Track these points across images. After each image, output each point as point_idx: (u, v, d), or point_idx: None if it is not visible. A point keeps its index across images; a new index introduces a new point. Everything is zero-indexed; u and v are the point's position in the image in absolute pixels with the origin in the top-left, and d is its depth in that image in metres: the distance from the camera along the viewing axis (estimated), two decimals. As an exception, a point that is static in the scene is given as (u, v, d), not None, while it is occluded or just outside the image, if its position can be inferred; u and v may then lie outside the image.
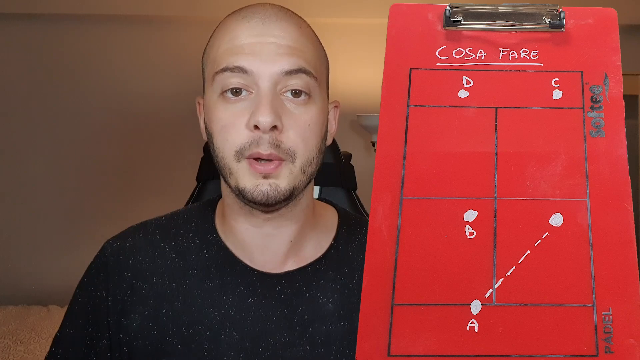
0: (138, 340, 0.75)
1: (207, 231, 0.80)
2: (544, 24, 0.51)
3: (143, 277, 0.77)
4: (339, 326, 0.76)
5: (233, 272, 0.77)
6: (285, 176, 0.71)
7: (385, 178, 0.47)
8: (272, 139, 0.69)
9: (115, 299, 0.77)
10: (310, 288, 0.77)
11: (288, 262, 0.78)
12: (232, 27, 0.72)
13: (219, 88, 0.71)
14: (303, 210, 0.78)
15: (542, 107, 0.49)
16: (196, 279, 0.77)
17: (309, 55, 0.73)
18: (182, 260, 0.78)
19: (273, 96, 0.70)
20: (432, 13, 0.52)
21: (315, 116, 0.72)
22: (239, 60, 0.70)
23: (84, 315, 0.78)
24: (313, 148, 0.72)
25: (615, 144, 0.47)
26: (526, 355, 0.42)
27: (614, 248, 0.44)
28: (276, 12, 0.73)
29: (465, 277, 0.44)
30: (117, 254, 0.79)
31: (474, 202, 0.46)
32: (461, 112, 0.49)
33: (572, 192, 0.46)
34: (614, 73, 0.49)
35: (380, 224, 0.46)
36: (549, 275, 0.44)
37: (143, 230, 0.81)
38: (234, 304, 0.75)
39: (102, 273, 0.79)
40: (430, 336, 0.43)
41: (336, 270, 0.78)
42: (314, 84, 0.72)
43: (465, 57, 0.51)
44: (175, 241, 0.79)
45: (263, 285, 0.76)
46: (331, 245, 0.80)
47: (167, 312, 0.76)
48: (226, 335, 0.74)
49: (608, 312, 0.43)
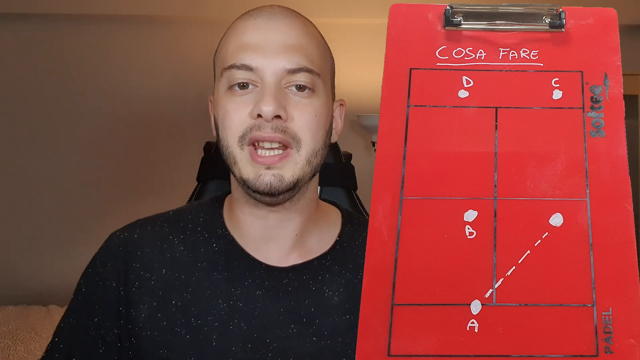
0: (147, 331, 0.76)
1: (216, 225, 0.81)
2: (544, 24, 0.51)
3: (151, 269, 0.78)
4: (344, 319, 0.77)
5: (241, 265, 0.78)
6: (290, 167, 0.72)
7: (385, 178, 0.47)
8: (275, 125, 0.71)
9: (125, 289, 0.78)
10: (317, 282, 0.78)
11: (293, 256, 0.79)
12: (240, 26, 0.76)
13: (226, 83, 0.74)
14: (307, 203, 0.79)
15: (542, 107, 0.49)
16: (205, 271, 0.78)
17: (312, 53, 0.75)
18: (191, 253, 0.79)
19: (277, 89, 0.72)
20: (432, 13, 0.52)
21: (320, 107, 0.74)
22: (245, 58, 0.73)
23: (90, 305, 0.79)
24: (319, 139, 0.74)
25: (615, 144, 0.47)
26: (526, 355, 0.42)
27: (614, 248, 0.44)
28: (282, 11, 0.76)
29: (465, 277, 0.44)
30: (125, 245, 0.80)
31: (474, 202, 0.46)
32: (461, 112, 0.49)
33: (572, 192, 0.46)
34: (614, 73, 0.49)
35: (380, 224, 0.46)
36: (549, 275, 0.44)
37: (151, 223, 0.82)
38: (242, 296, 0.76)
39: (110, 263, 0.79)
40: (430, 336, 0.43)
41: (341, 265, 0.80)
42: (317, 80, 0.74)
43: (465, 57, 0.51)
44: (184, 234, 0.81)
45: (270, 278, 0.77)
46: (336, 241, 0.82)
47: (176, 304, 0.77)
48: (234, 326, 0.75)
49: (608, 312, 0.43)
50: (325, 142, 0.76)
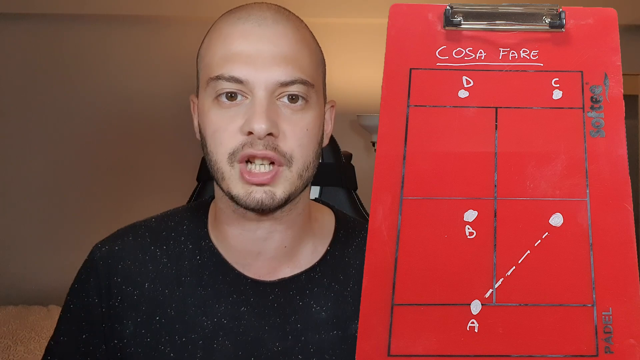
0: (131, 347, 0.75)
1: (200, 236, 0.79)
2: (544, 24, 0.51)
3: (134, 283, 0.76)
4: (332, 335, 0.75)
5: (226, 279, 0.76)
6: (281, 183, 0.70)
7: (385, 178, 0.47)
8: (266, 142, 0.68)
9: (107, 304, 0.76)
10: (304, 296, 0.76)
11: (282, 268, 0.77)
12: (227, 32, 0.71)
13: (213, 92, 0.70)
14: (299, 214, 0.76)
15: (542, 107, 0.49)
16: (189, 286, 0.76)
17: (304, 63, 0.71)
18: (175, 266, 0.77)
19: (269, 103, 0.68)
20: (432, 13, 0.52)
21: (313, 121, 0.71)
22: (234, 70, 0.68)
23: (78, 321, 0.78)
24: (310, 153, 0.71)
25: (615, 144, 0.47)
26: (526, 355, 0.42)
27: (614, 248, 0.44)
28: (273, 14, 0.71)
29: (465, 277, 0.44)
30: (106, 258, 0.78)
31: (474, 202, 0.46)
32: (461, 112, 0.49)
33: (572, 192, 0.46)
34: (614, 73, 0.49)
35: (380, 224, 0.46)
36: (549, 275, 0.44)
37: (132, 233, 0.80)
38: (227, 312, 0.75)
39: (92, 278, 0.78)
40: (430, 336, 0.43)
41: (331, 277, 0.77)
42: (310, 91, 0.71)
43: (465, 57, 0.51)
44: (167, 245, 0.78)
45: (256, 293, 0.75)
46: (327, 250, 0.79)
47: (160, 320, 0.75)
48: (219, 344, 0.74)
49: (608, 312, 0.43)
50: (317, 154, 0.73)
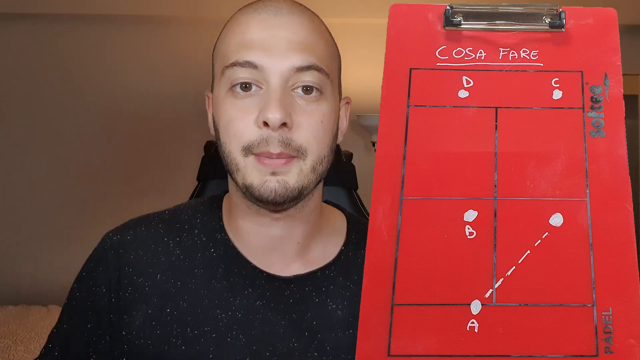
0: (140, 339, 0.73)
1: (215, 229, 0.78)
2: (544, 24, 0.51)
3: (145, 274, 0.75)
4: (347, 334, 0.74)
5: (241, 273, 0.74)
6: (295, 173, 0.69)
7: (385, 178, 0.47)
8: (281, 137, 0.67)
9: (117, 295, 0.75)
10: (320, 294, 0.75)
11: (295, 265, 0.76)
12: (243, 20, 0.71)
13: (228, 82, 0.69)
14: (312, 211, 0.76)
15: (542, 107, 0.49)
16: (203, 279, 0.74)
17: (320, 52, 0.71)
18: (188, 258, 0.76)
19: (283, 93, 0.68)
20: (432, 13, 0.52)
21: (327, 113, 0.70)
22: (249, 55, 0.68)
23: (83, 311, 0.76)
24: (325, 146, 0.71)
25: (615, 144, 0.47)
26: (526, 355, 0.42)
27: (614, 248, 0.44)
28: (289, 6, 0.71)
29: (465, 277, 0.44)
30: (117, 248, 0.77)
31: (474, 202, 0.46)
32: (461, 112, 0.49)
33: (572, 192, 0.46)
34: (614, 73, 0.49)
35: (380, 224, 0.46)
36: (549, 275, 0.44)
37: (145, 224, 0.79)
38: (242, 306, 0.73)
39: (101, 267, 0.76)
40: (430, 336, 0.43)
41: (346, 276, 0.76)
42: (325, 81, 0.70)
43: (465, 57, 0.51)
44: (180, 237, 0.77)
45: (272, 288, 0.74)
46: (341, 250, 0.78)
47: (171, 312, 0.73)
48: (232, 338, 0.72)
49: (608, 312, 0.43)
50: (331, 148, 0.72)
